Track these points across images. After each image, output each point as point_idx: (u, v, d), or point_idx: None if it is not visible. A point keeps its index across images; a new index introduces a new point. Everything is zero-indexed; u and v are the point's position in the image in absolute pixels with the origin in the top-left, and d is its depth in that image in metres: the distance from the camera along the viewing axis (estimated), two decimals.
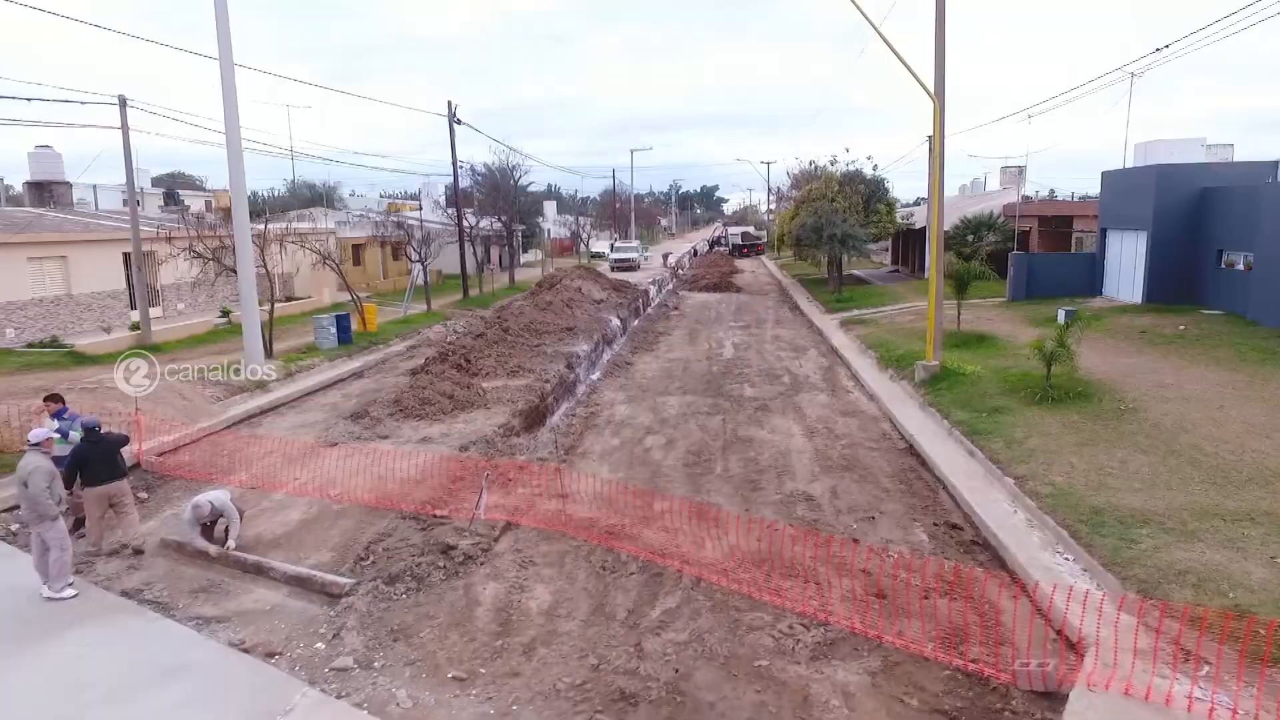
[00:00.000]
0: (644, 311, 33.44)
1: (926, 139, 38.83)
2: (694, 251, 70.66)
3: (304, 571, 8.70)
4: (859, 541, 9.28)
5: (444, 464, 11.70)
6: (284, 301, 28.69)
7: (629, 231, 78.25)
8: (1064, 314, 20.53)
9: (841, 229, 33.22)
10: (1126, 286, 26.39)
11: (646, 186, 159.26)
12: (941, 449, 12.89)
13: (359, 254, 38.70)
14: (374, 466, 11.53)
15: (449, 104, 35.41)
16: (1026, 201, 38.43)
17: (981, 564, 8.96)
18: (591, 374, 20.79)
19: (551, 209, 77.53)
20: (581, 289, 31.96)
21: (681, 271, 52.61)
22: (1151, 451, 11.41)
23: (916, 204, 56.35)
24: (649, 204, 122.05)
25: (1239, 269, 22.34)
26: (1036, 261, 30.01)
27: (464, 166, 40.02)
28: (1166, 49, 16.93)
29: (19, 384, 16.68)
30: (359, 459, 11.88)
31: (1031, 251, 34.71)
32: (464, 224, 37.14)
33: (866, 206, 36.50)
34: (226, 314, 26.73)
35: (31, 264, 22.55)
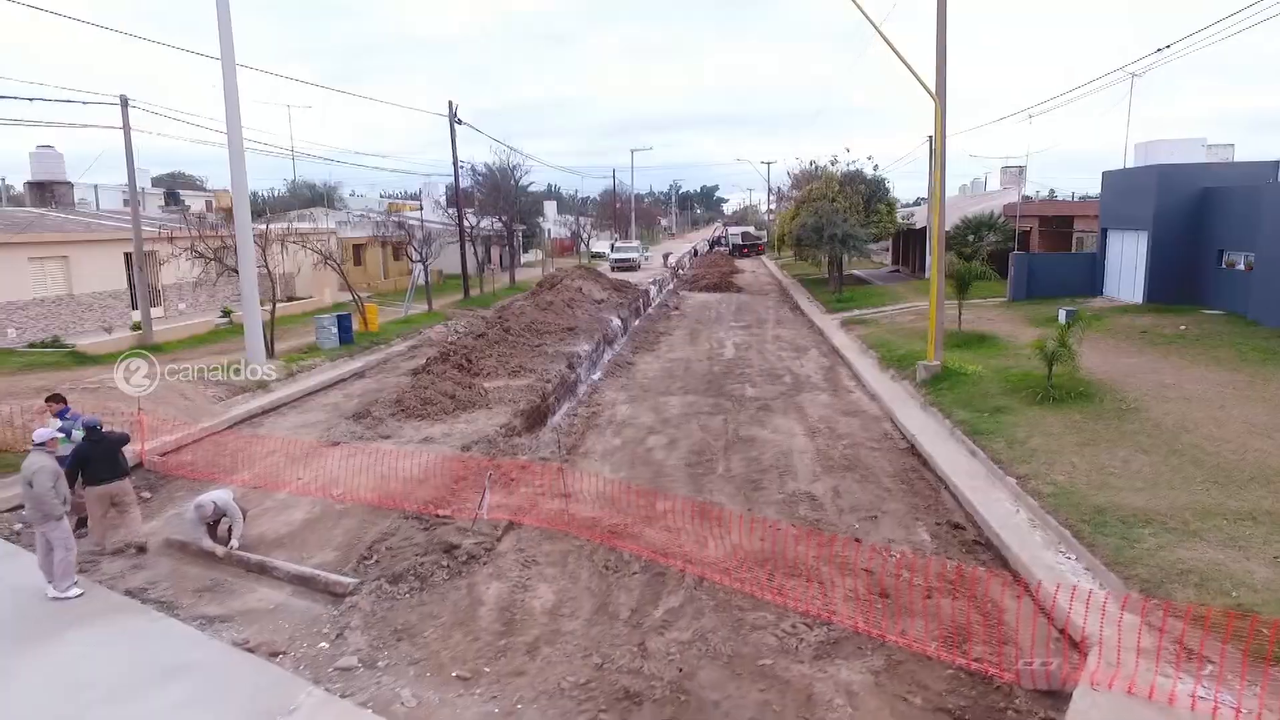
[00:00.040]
0: (645, 311, 33.45)
1: (927, 139, 38.85)
2: (694, 251, 70.68)
3: (307, 571, 8.72)
4: (861, 541, 9.30)
5: (446, 464, 11.71)
6: (285, 301, 28.70)
7: (629, 231, 78.28)
8: (1065, 314, 20.53)
9: (842, 229, 33.22)
10: (1127, 286, 26.40)
11: (646, 186, 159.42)
12: (943, 449, 12.90)
13: (360, 254, 38.71)
14: (376, 466, 11.54)
15: (450, 104, 35.47)
16: (1027, 201, 38.45)
17: (984, 563, 8.97)
18: (593, 374, 20.80)
19: (552, 209, 77.52)
20: (582, 289, 31.97)
21: (682, 271, 52.60)
22: (1153, 451, 11.42)
23: (916, 204, 56.38)
24: (649, 204, 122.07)
25: (1240, 269, 22.35)
26: (1037, 261, 30.02)
27: (465, 166, 40.06)
28: (1168, 49, 16.94)
29: (21, 384, 16.70)
30: (361, 459, 11.89)
31: (1032, 251, 34.72)
32: (465, 224, 37.16)
33: (867, 206, 36.52)
34: (228, 314, 26.74)
35: (33, 264, 22.57)
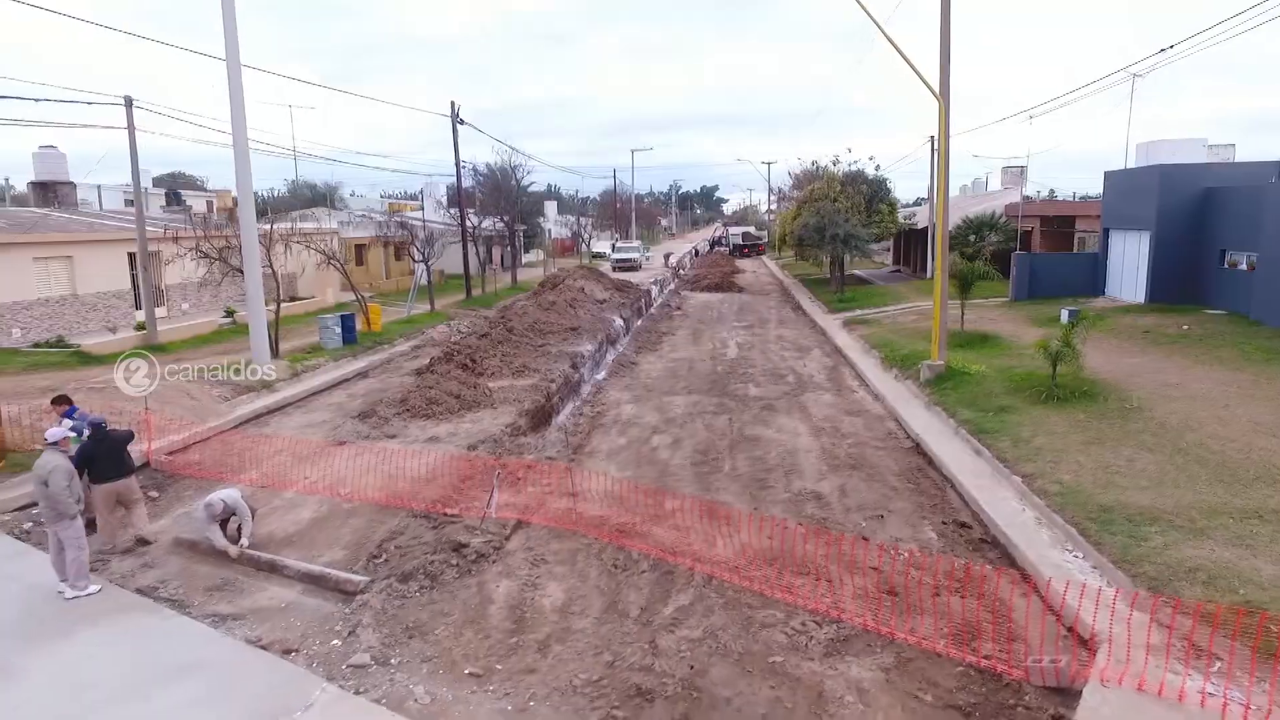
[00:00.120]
0: (647, 311, 33.49)
1: (929, 139, 39.00)
2: (695, 252, 70.77)
3: (318, 569, 8.75)
4: (869, 539, 9.33)
5: (453, 463, 11.75)
6: (288, 301, 28.65)
7: (630, 232, 78.36)
8: (1067, 314, 20.59)
9: (844, 229, 33.26)
10: (1129, 286, 26.43)
11: (647, 187, 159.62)
12: (948, 448, 12.94)
13: (362, 254, 38.72)
14: (383, 465, 11.57)
15: (452, 104, 35.52)
16: (1028, 201, 38.49)
17: (991, 562, 9.00)
18: (596, 374, 20.84)
19: (552, 209, 77.62)
20: (584, 289, 32.03)
21: (683, 272, 52.66)
22: (1158, 450, 11.46)
23: (917, 204, 56.48)
24: (649, 204, 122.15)
25: (1242, 269, 22.40)
26: (1039, 261, 30.05)
27: (466, 166, 40.12)
28: (1171, 49, 16.99)
29: (26, 384, 16.75)
30: (368, 458, 11.92)
31: (1034, 251, 34.76)
32: (467, 224, 37.19)
33: (869, 207, 36.57)
34: (231, 314, 26.76)
35: (37, 264, 22.60)
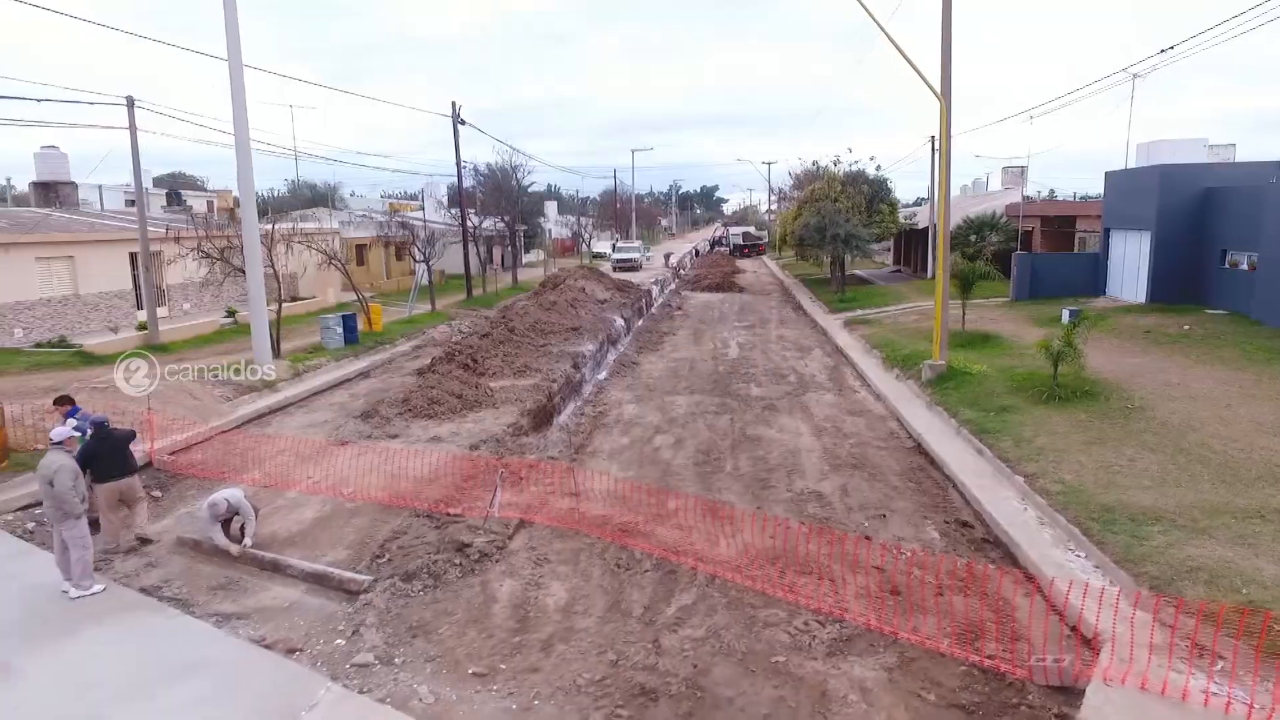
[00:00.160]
0: (647, 311, 33.50)
1: (929, 139, 39.02)
2: (695, 252, 70.80)
3: (321, 569, 8.76)
4: (871, 539, 9.34)
5: (455, 463, 11.76)
6: (289, 301, 28.68)
7: (630, 232, 78.38)
8: (1068, 314, 20.60)
9: (845, 229, 33.26)
10: (1130, 286, 26.45)
11: (647, 187, 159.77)
12: (950, 447, 12.95)
13: (363, 254, 38.74)
14: (386, 465, 11.59)
15: (453, 104, 35.51)
16: (1028, 201, 38.48)
17: (993, 561, 9.01)
18: (598, 374, 20.85)
19: (553, 209, 77.66)
20: (585, 289, 32.03)
21: (683, 272, 52.65)
22: (1160, 450, 11.47)
23: (917, 204, 56.47)
24: (649, 204, 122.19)
25: (1243, 269, 22.41)
26: (1040, 261, 30.06)
27: (467, 166, 40.13)
28: (1172, 50, 16.99)
29: (29, 384, 16.77)
30: (370, 458, 11.94)
31: (1034, 251, 34.76)
32: (467, 224, 37.20)
33: (869, 207, 36.58)
34: (232, 314, 26.77)
35: (39, 264, 22.63)
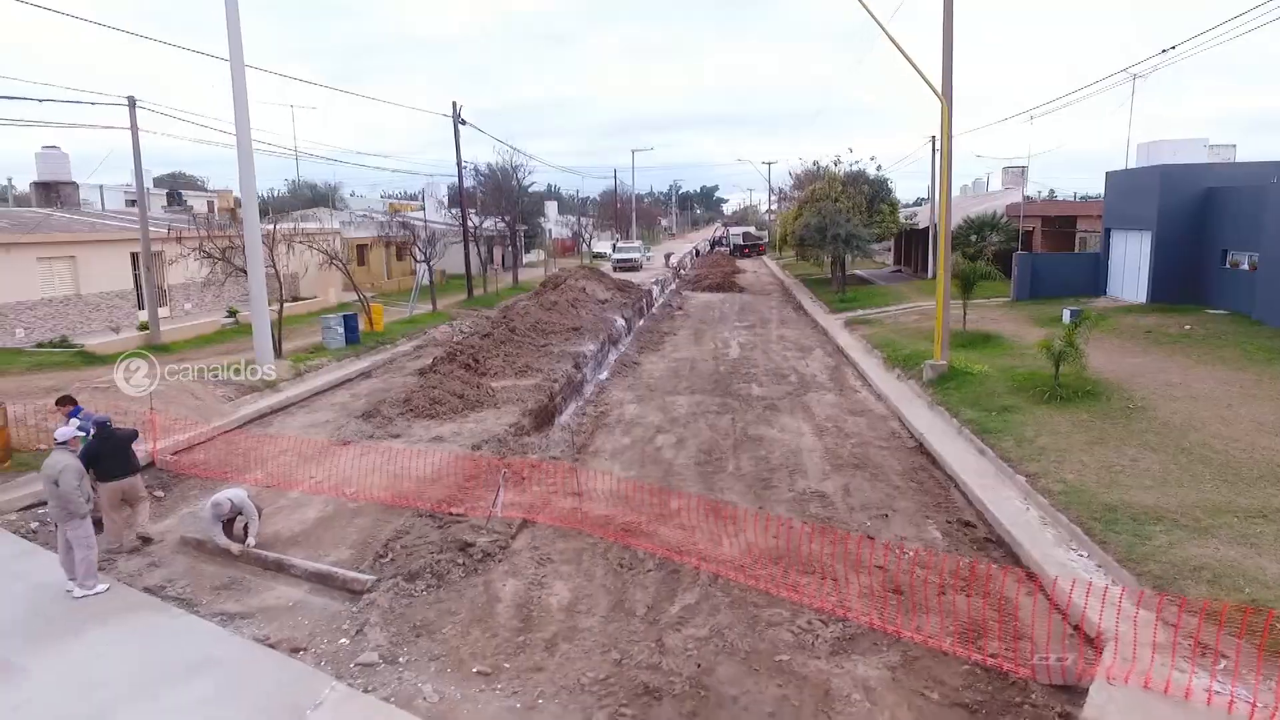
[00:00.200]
0: (648, 311, 33.50)
1: (930, 139, 39.01)
2: (695, 252, 70.84)
3: (325, 568, 8.78)
4: (873, 538, 9.35)
5: (457, 462, 11.77)
6: (290, 301, 28.72)
7: (630, 232, 78.41)
8: (1069, 314, 20.61)
9: (845, 229, 33.27)
10: (1131, 286, 26.46)
11: (647, 187, 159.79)
12: (951, 447, 12.97)
13: (364, 254, 38.76)
14: (388, 465, 11.60)
15: (454, 104, 35.49)
16: (1029, 201, 38.49)
17: (996, 561, 9.02)
18: (599, 373, 20.86)
19: (553, 209, 77.67)
20: (586, 289, 32.04)
21: (684, 272, 52.65)
22: (1161, 449, 11.49)
23: (918, 204, 56.48)
24: (649, 204, 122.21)
25: (1244, 269, 22.42)
26: (1041, 261, 30.07)
27: (467, 166, 40.12)
28: (1173, 50, 16.98)
29: (31, 384, 16.79)
30: (373, 458, 11.95)
31: (1035, 252, 34.77)
32: (468, 224, 37.21)
33: (870, 207, 36.60)
34: (234, 314, 26.80)
35: (41, 264, 22.65)
